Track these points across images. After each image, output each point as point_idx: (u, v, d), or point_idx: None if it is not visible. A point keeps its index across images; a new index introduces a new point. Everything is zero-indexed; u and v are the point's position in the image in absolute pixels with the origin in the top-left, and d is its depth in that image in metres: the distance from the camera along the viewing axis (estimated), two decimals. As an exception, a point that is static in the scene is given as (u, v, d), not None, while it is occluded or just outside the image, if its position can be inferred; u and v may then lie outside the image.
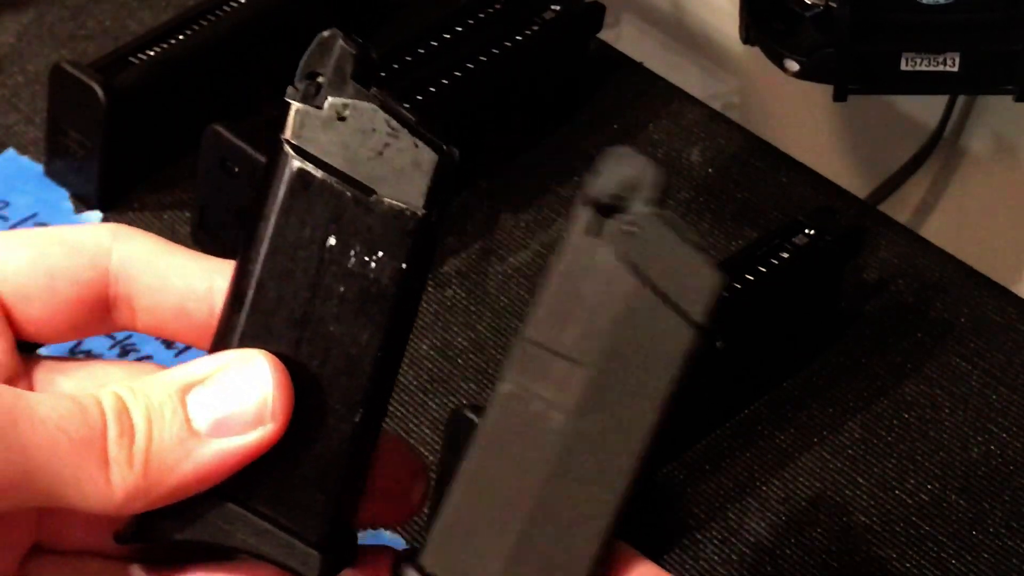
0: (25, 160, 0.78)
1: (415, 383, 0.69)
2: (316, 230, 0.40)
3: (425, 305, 0.72)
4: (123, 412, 0.40)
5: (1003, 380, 0.69)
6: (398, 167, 0.40)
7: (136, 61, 0.75)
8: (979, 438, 0.67)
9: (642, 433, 0.39)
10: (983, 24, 0.65)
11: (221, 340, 0.41)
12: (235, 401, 0.40)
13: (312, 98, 0.41)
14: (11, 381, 0.42)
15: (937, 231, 0.86)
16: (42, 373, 0.43)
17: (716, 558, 0.63)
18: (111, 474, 0.39)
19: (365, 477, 0.42)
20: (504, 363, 0.40)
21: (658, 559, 0.63)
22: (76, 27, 0.85)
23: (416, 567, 0.40)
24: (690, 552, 0.63)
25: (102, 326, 0.43)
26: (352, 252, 0.40)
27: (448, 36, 0.78)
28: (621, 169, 0.39)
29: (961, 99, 0.84)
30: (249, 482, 0.40)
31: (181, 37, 0.76)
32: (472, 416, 0.59)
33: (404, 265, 0.40)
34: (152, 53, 0.75)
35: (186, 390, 0.40)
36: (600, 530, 0.40)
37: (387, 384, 0.41)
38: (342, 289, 0.40)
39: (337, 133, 0.40)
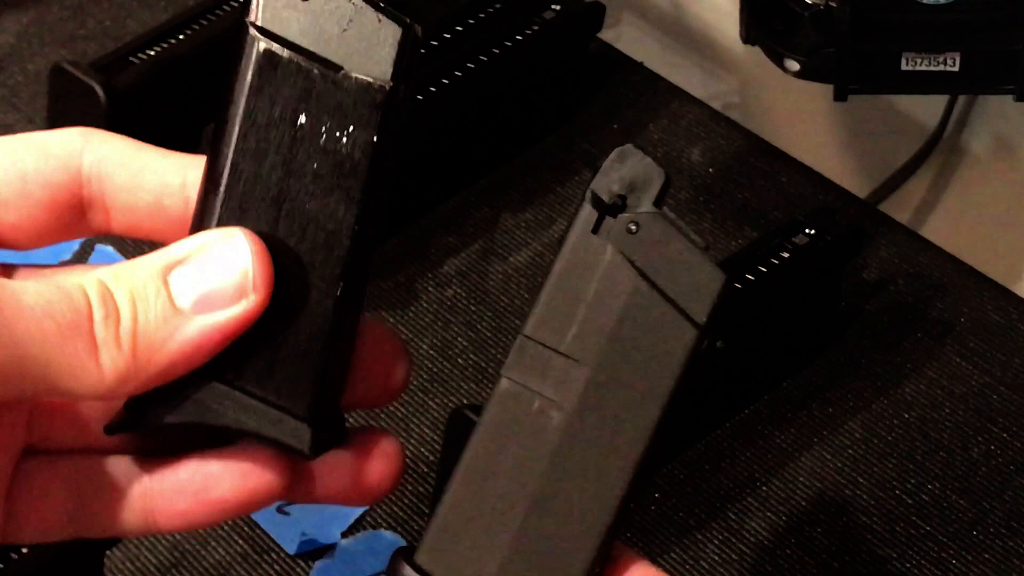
0: (25, 160, 0.78)
1: (415, 383, 0.69)
2: (286, 109, 0.41)
3: (425, 305, 0.72)
4: (107, 295, 0.40)
5: (1003, 380, 0.69)
6: (363, 42, 0.41)
7: (136, 61, 0.75)
8: (979, 438, 0.67)
9: (642, 433, 0.39)
10: (983, 24, 0.65)
11: (199, 223, 0.42)
12: (216, 276, 0.41)
13: None
14: None
15: (937, 231, 0.86)
16: (20, 279, 0.43)
17: (716, 558, 0.63)
18: (100, 356, 0.40)
19: (350, 354, 0.42)
20: (504, 361, 0.40)
21: (658, 559, 0.63)
22: (76, 27, 0.85)
23: (412, 565, 0.40)
24: (690, 552, 0.63)
25: (77, 230, 0.44)
26: (323, 128, 0.41)
27: (448, 36, 0.78)
28: (625, 168, 0.40)
29: (961, 99, 0.84)
30: (235, 361, 0.41)
31: (181, 37, 0.76)
32: (472, 416, 0.59)
33: (375, 138, 0.41)
34: (152, 53, 0.75)
35: (167, 270, 0.41)
36: (598, 530, 0.40)
37: (366, 258, 0.42)
38: (315, 166, 0.41)
39: (301, 12, 0.41)
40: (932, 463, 0.66)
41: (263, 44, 0.41)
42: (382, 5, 0.41)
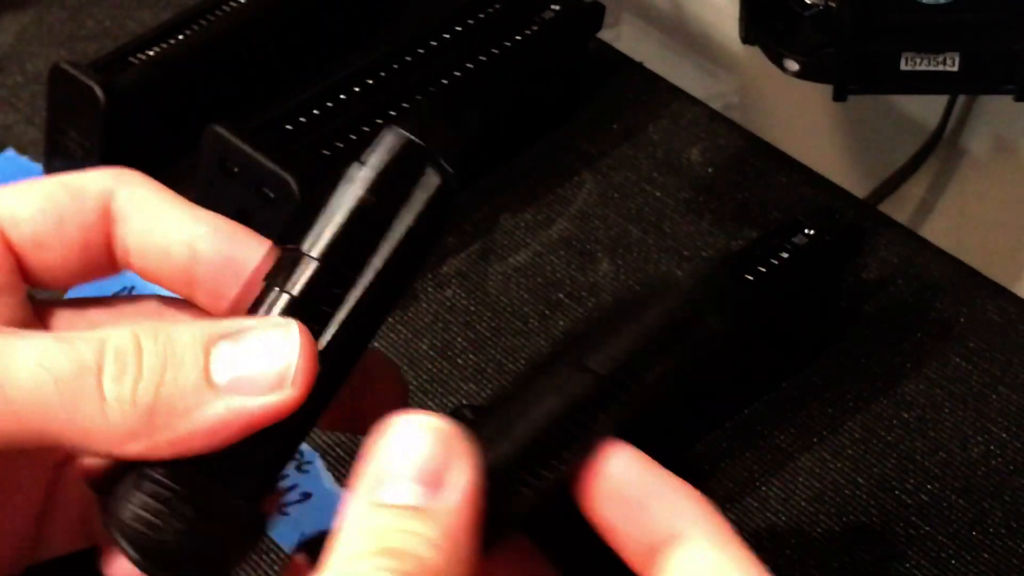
0: (24, 160, 0.78)
1: (415, 383, 0.69)
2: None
3: (424, 305, 0.72)
4: (129, 351, 0.39)
5: (1003, 380, 0.69)
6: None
7: (136, 61, 0.75)
8: (979, 438, 0.67)
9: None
10: (983, 24, 0.65)
11: (257, 307, 0.42)
12: (259, 360, 0.40)
13: None
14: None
15: (937, 231, 0.86)
16: (60, 318, 0.43)
17: (716, 558, 0.63)
18: (107, 410, 0.39)
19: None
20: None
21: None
22: (76, 27, 0.85)
23: None
24: (690, 552, 0.63)
25: (108, 268, 0.44)
26: None
27: (448, 36, 0.78)
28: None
29: (961, 99, 0.84)
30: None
31: (181, 37, 0.76)
32: (471, 416, 0.59)
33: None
34: (152, 53, 0.75)
35: (212, 341, 0.40)
36: None
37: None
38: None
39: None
40: (932, 463, 0.66)
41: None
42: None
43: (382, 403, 0.44)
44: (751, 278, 0.66)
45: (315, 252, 0.41)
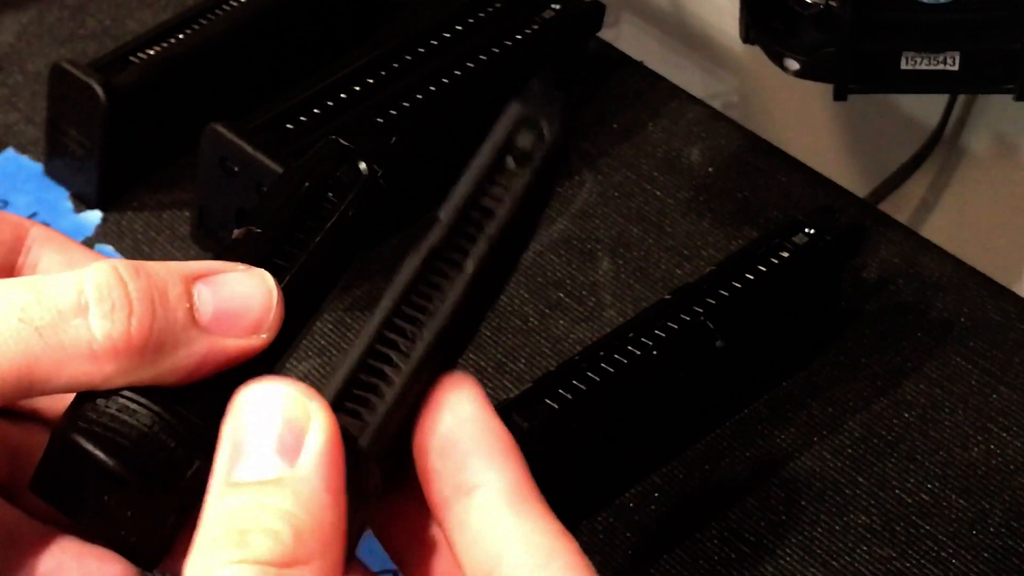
0: (25, 159, 0.78)
1: (415, 383, 0.69)
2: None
3: (425, 305, 0.72)
4: (113, 286, 0.39)
5: (1003, 380, 0.69)
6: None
7: (136, 61, 0.75)
8: (979, 437, 0.67)
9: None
10: (983, 23, 0.65)
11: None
12: (241, 303, 0.40)
13: None
14: None
15: (937, 231, 0.86)
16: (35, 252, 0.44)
17: (716, 558, 0.63)
18: (96, 348, 0.39)
19: None
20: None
21: (658, 559, 0.63)
22: (76, 27, 0.85)
23: None
24: (690, 552, 0.63)
25: None
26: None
27: (448, 36, 0.78)
28: None
29: (961, 98, 0.84)
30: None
31: (181, 36, 0.76)
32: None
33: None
34: (152, 53, 0.75)
35: (192, 279, 0.40)
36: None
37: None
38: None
39: None
40: (932, 463, 0.66)
41: None
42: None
43: None
44: (751, 277, 0.66)
45: (258, 231, 0.44)
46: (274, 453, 0.37)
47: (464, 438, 0.40)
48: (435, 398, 0.41)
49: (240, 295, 0.40)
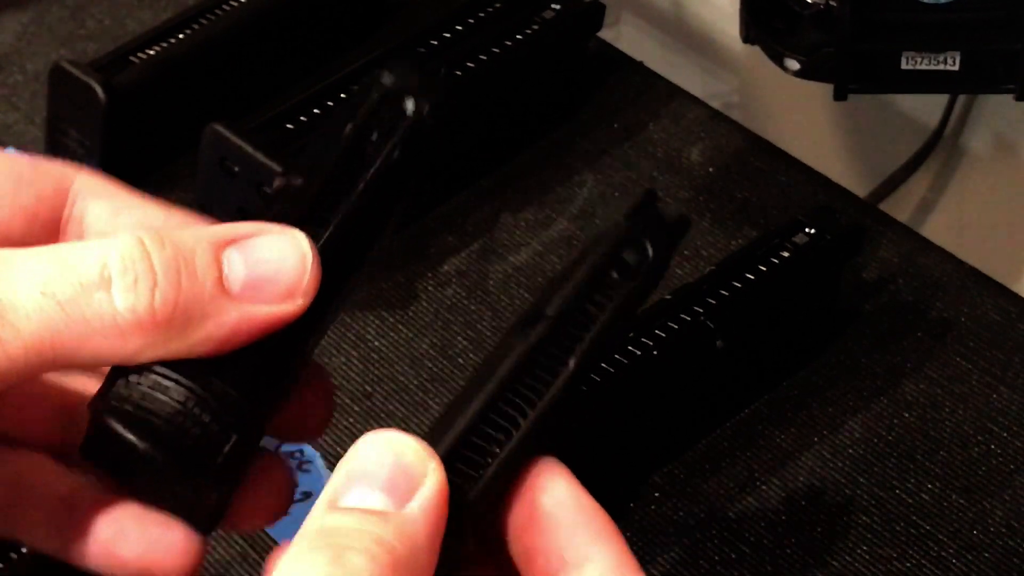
0: (25, 160, 0.78)
1: (415, 382, 0.69)
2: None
3: (425, 305, 0.72)
4: (136, 259, 0.38)
5: (1003, 380, 0.69)
6: None
7: (136, 61, 0.75)
8: (979, 437, 0.67)
9: None
10: (983, 23, 0.65)
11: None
12: (273, 267, 0.39)
13: None
14: None
15: (937, 231, 0.86)
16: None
17: (716, 558, 0.63)
18: (120, 322, 0.38)
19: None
20: None
21: (658, 559, 0.63)
22: (76, 27, 0.85)
23: None
24: (690, 552, 0.63)
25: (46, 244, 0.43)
26: None
27: (448, 36, 0.78)
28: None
29: (961, 98, 0.84)
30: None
31: (181, 36, 0.76)
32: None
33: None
34: (152, 53, 0.75)
35: (220, 247, 0.39)
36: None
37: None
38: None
39: None
40: (932, 463, 0.66)
41: None
42: None
43: (309, 410, 0.43)
44: (751, 277, 0.66)
45: (299, 181, 0.42)
46: (384, 491, 0.38)
47: (567, 516, 0.41)
48: (530, 480, 0.41)
49: (273, 260, 0.39)
